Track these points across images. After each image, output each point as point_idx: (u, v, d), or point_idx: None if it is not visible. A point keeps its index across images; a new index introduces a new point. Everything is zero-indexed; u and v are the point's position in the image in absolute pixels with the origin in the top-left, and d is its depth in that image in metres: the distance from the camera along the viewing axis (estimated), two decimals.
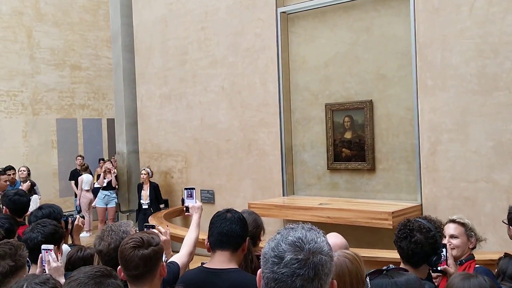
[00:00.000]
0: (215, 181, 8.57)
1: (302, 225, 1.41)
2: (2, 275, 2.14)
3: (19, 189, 5.85)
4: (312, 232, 1.39)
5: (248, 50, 7.96)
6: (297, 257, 1.31)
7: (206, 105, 8.60)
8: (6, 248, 2.20)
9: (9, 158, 11.17)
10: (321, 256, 1.34)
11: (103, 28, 13.52)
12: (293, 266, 1.31)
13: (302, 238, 1.35)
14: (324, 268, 1.33)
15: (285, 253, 1.32)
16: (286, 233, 1.38)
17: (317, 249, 1.34)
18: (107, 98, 13.60)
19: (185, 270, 2.85)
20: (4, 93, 12.07)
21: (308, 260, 1.31)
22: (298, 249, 1.33)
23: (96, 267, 1.76)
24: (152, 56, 9.50)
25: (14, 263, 2.18)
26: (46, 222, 3.03)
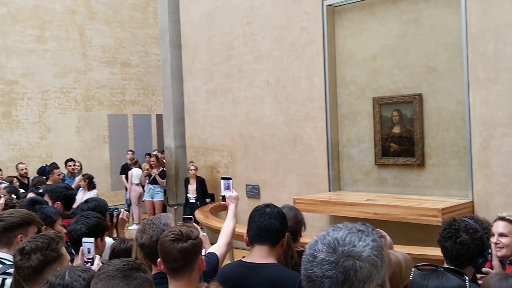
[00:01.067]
0: (260, 176, 8.56)
1: (352, 226, 1.34)
2: (33, 269, 2.18)
3: (66, 183, 6.03)
4: (357, 234, 1.32)
5: (294, 44, 7.89)
6: (329, 258, 1.27)
7: (252, 100, 8.60)
8: (38, 242, 2.24)
9: (63, 152, 11.59)
10: (356, 261, 1.26)
11: (152, 25, 13.76)
12: (323, 267, 1.26)
13: (339, 239, 1.29)
14: (357, 274, 1.25)
15: (319, 253, 1.28)
16: (328, 232, 1.33)
17: (352, 253, 1.27)
18: (156, 94, 13.86)
19: (223, 261, 2.84)
20: (58, 90, 12.50)
21: (339, 263, 1.26)
22: (331, 250, 1.28)
23: (126, 260, 1.76)
24: (199, 52, 9.58)
25: (43, 257, 2.21)
26: (90, 214, 3.09)
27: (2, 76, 11.68)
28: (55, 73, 12.45)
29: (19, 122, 11.93)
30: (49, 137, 12.36)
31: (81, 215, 3.08)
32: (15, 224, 2.89)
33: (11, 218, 2.93)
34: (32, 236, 2.44)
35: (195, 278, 2.24)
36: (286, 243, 2.64)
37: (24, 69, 11.98)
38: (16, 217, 2.94)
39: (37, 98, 12.19)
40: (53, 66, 12.44)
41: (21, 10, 11.95)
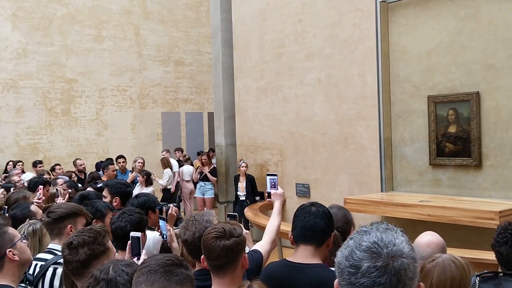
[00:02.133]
0: (310, 175, 8.48)
1: (377, 226, 1.27)
2: (81, 263, 2.23)
3: (125, 180, 6.19)
4: (389, 233, 1.25)
5: (346, 41, 7.76)
6: (375, 264, 1.19)
7: (302, 98, 8.53)
8: (85, 236, 2.29)
9: (118, 149, 11.91)
10: (403, 260, 1.20)
11: (205, 25, 13.93)
12: (372, 275, 1.18)
13: (378, 242, 1.22)
14: (407, 272, 1.20)
15: (361, 262, 1.20)
16: (359, 238, 1.25)
17: (397, 253, 1.21)
18: (208, 92, 14.02)
19: (268, 258, 2.81)
20: (115, 88, 12.88)
21: (388, 266, 1.18)
22: (375, 255, 1.20)
23: (168, 255, 1.76)
24: (250, 50, 9.60)
25: (90, 251, 2.26)
26: (132, 210, 3.13)
27: (62, 74, 12.14)
28: (111, 72, 12.83)
29: (77, 119, 12.37)
30: (105, 134, 12.76)
31: (122, 212, 3.14)
32: (64, 214, 2.99)
33: (60, 209, 3.05)
34: (79, 230, 2.51)
35: (238, 276, 2.22)
36: (336, 243, 2.59)
37: (83, 68, 12.40)
38: (65, 208, 3.06)
39: (94, 96, 12.60)
40: (110, 65, 12.82)
41: (79, 11, 12.38)
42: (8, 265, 2.27)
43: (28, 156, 11.57)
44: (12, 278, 2.33)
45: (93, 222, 3.18)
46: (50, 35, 12.00)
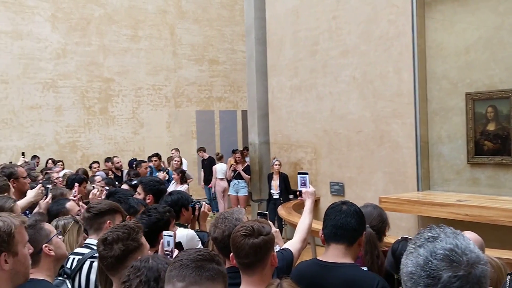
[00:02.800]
0: (345, 174, 8.41)
1: (442, 230, 1.20)
2: (116, 258, 2.27)
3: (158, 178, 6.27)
4: (460, 238, 1.18)
5: (381, 37, 7.65)
6: (456, 273, 1.12)
7: (337, 96, 8.45)
8: (119, 232, 2.33)
9: (154, 147, 12.10)
10: (482, 267, 1.14)
11: (239, 23, 13.97)
12: (454, 285, 1.12)
13: (455, 249, 1.15)
14: (487, 279, 1.14)
15: (440, 272, 1.12)
16: (432, 246, 1.16)
17: (476, 260, 1.15)
18: (241, 90, 14.07)
19: (298, 257, 2.79)
20: (150, 87, 13.07)
21: (470, 275, 1.12)
22: (455, 264, 1.13)
23: (201, 250, 1.77)
24: (284, 48, 9.57)
25: (125, 247, 2.30)
26: (151, 211, 3.15)
27: (100, 74, 12.40)
28: (147, 71, 13.02)
29: (114, 118, 12.61)
30: (141, 132, 12.97)
31: (144, 211, 3.18)
32: (104, 210, 3.07)
33: (100, 205, 3.13)
34: (113, 226, 2.56)
35: (267, 274, 2.21)
36: (372, 242, 2.55)
37: (119, 67, 12.63)
38: (105, 204, 3.15)
39: (131, 95, 12.82)
40: (146, 65, 13.02)
41: (116, 11, 12.61)
42: (44, 260, 2.33)
43: (67, 154, 11.88)
44: (48, 273, 2.38)
45: (126, 218, 3.23)
46: (88, 35, 12.27)
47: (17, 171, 4.36)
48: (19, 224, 1.89)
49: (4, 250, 1.81)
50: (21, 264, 1.88)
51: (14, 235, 1.85)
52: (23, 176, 4.41)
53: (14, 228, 1.86)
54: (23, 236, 1.92)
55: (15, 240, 1.86)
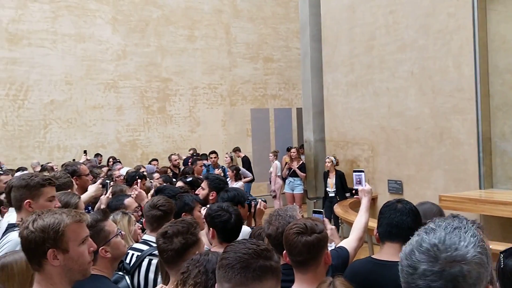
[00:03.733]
0: (403, 171, 8.21)
1: (446, 224, 1.21)
2: (176, 251, 2.32)
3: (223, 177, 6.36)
4: (456, 233, 1.19)
5: (440, 31, 7.41)
6: (432, 268, 1.15)
7: (394, 92, 8.27)
8: (179, 227, 2.38)
9: (210, 145, 12.28)
10: (462, 266, 1.14)
11: (293, 20, 13.93)
12: (427, 278, 1.15)
13: (439, 244, 1.17)
14: (466, 279, 1.14)
15: (419, 263, 1.17)
16: (422, 237, 1.20)
17: (456, 258, 1.15)
18: (296, 88, 14.02)
19: (355, 255, 2.76)
20: (206, 86, 13.27)
21: (444, 272, 1.14)
22: (432, 259, 1.16)
23: (248, 244, 1.71)
24: (339, 44, 9.46)
25: (185, 240, 2.34)
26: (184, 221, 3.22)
27: (158, 74, 12.71)
28: (203, 71, 13.23)
29: (172, 117, 12.90)
30: (198, 130, 13.20)
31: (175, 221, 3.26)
32: (170, 212, 3.17)
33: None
34: (172, 221, 2.61)
35: (321, 272, 2.20)
36: None
37: (176, 67, 12.90)
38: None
39: (187, 94, 13.07)
40: (202, 64, 13.23)
41: (173, 12, 12.88)
42: (101, 259, 2.38)
43: (128, 152, 12.26)
44: (106, 271, 2.45)
45: (182, 215, 3.29)
46: (147, 36, 12.60)
47: (79, 169, 4.52)
48: (71, 221, 1.90)
49: (52, 246, 1.84)
50: (74, 261, 1.89)
51: (63, 232, 1.86)
52: (85, 173, 4.58)
53: (63, 226, 1.87)
54: (77, 234, 1.93)
55: (65, 237, 1.87)
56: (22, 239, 1.89)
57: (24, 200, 2.90)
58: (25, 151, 11.17)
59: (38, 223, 1.86)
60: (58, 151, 11.54)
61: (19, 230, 1.95)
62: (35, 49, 11.32)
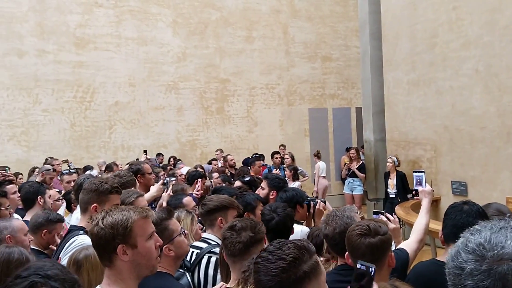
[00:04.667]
0: (467, 172, 7.92)
1: (492, 224, 1.21)
2: (244, 244, 2.34)
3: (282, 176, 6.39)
4: (502, 233, 1.18)
5: (507, 27, 7.09)
6: (479, 268, 1.15)
7: (458, 90, 7.99)
8: (247, 222, 2.42)
9: (267, 145, 12.33)
10: (510, 264, 1.13)
11: (352, 18, 13.75)
12: (475, 278, 1.15)
13: (484, 244, 1.17)
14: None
15: (465, 264, 1.17)
16: (467, 238, 1.21)
17: (503, 256, 1.14)
18: (355, 87, 13.83)
19: (415, 257, 2.69)
20: (264, 86, 13.33)
21: (492, 270, 1.13)
22: (479, 258, 1.16)
23: (277, 259, 1.63)
24: (400, 42, 9.25)
25: (254, 234, 2.37)
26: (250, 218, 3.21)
27: (216, 75, 12.90)
28: (261, 71, 13.30)
29: (230, 117, 13.05)
30: (255, 131, 13.28)
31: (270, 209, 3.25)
32: (215, 207, 3.18)
33: (211, 202, 3.24)
34: (237, 218, 2.65)
35: (384, 274, 2.16)
36: None
37: (234, 68, 13.04)
38: (216, 201, 3.24)
39: (245, 94, 13.18)
40: (260, 64, 13.30)
41: (232, 14, 13.02)
42: (165, 257, 2.44)
43: (188, 151, 12.52)
44: (169, 269, 2.53)
45: (244, 214, 3.33)
46: (206, 38, 12.81)
47: (143, 168, 4.67)
48: (138, 217, 1.96)
49: (121, 242, 1.91)
50: (142, 256, 1.95)
51: (131, 228, 1.93)
52: (148, 172, 4.72)
53: (131, 222, 1.93)
54: (144, 229, 1.98)
55: (133, 233, 1.93)
56: (93, 235, 1.97)
57: (92, 204, 3.03)
58: (92, 151, 11.64)
59: (107, 220, 1.94)
60: (122, 150, 11.94)
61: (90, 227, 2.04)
62: (100, 52, 11.77)
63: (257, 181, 5.29)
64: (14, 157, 10.59)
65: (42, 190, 4.43)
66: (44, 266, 1.64)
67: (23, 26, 11.06)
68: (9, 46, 10.93)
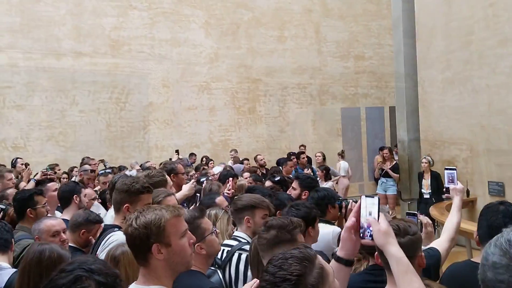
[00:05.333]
0: (505, 172, 7.72)
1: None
2: (268, 242, 2.31)
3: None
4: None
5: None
6: (500, 261, 1.20)
7: (495, 89, 7.80)
8: (279, 221, 2.38)
9: (299, 144, 12.31)
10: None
11: (385, 17, 13.59)
12: (496, 270, 1.21)
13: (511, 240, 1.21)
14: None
15: (491, 256, 1.23)
16: (503, 233, 1.27)
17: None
18: (389, 86, 13.65)
19: (446, 257, 2.65)
20: (296, 86, 13.32)
21: (510, 266, 1.18)
22: (502, 253, 1.21)
23: (289, 270, 1.56)
24: (434, 40, 9.09)
25: (278, 234, 2.32)
26: (300, 205, 3.17)
27: (248, 75, 12.95)
28: (293, 70, 13.28)
29: (262, 117, 13.08)
30: (287, 130, 13.27)
31: (292, 205, 3.22)
32: (242, 206, 3.23)
33: (240, 201, 3.29)
34: (278, 217, 2.67)
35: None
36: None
37: (266, 68, 13.07)
38: (244, 201, 3.28)
39: (277, 94, 13.19)
40: (291, 64, 13.29)
41: (264, 14, 13.05)
42: (197, 256, 2.46)
43: (220, 151, 12.61)
44: (201, 267, 2.56)
45: (277, 213, 3.34)
46: (238, 39, 12.88)
47: (177, 167, 4.74)
48: (171, 216, 2.00)
49: (156, 241, 1.95)
50: (177, 254, 1.98)
51: (164, 227, 1.96)
52: (181, 172, 4.79)
53: (164, 221, 1.97)
54: (178, 228, 2.02)
55: (167, 231, 1.97)
56: (127, 236, 2.02)
57: (124, 204, 3.10)
58: (127, 151, 11.85)
59: (141, 220, 1.98)
60: (156, 150, 12.12)
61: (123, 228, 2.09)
62: (135, 54, 11.98)
63: (287, 181, 5.29)
64: (52, 156, 10.86)
65: (77, 189, 4.55)
66: (88, 261, 1.70)
67: (61, 30, 11.35)
68: (48, 49, 11.23)
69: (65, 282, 1.61)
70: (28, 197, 3.97)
